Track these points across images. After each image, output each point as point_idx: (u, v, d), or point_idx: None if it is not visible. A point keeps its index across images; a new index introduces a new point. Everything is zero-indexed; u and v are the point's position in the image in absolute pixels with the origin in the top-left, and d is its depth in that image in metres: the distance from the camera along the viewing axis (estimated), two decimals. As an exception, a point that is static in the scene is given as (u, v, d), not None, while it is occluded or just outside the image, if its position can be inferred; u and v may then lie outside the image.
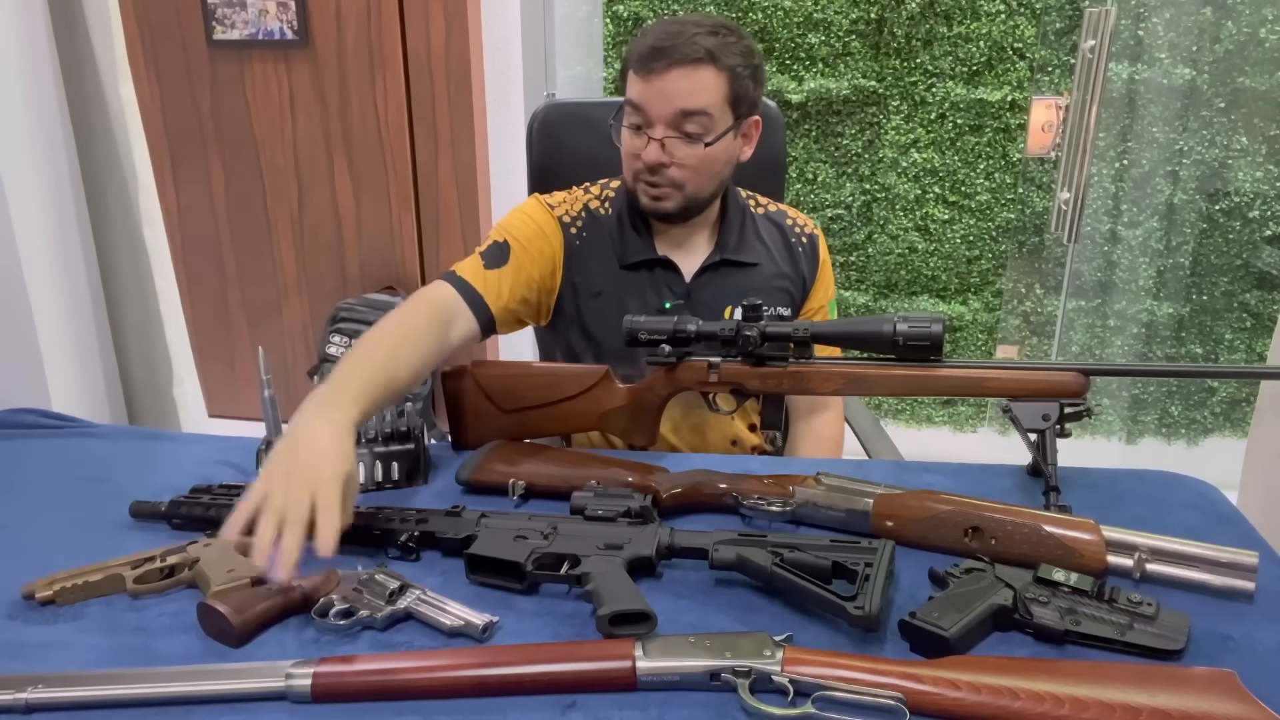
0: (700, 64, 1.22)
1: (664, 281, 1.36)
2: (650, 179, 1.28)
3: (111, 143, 1.85)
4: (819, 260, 1.44)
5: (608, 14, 2.67)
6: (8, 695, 0.73)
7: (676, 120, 1.24)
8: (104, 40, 1.79)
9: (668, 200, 1.29)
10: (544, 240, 1.34)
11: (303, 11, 2.42)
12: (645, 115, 1.25)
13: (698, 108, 1.23)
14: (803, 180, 2.75)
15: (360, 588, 0.86)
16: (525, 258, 1.31)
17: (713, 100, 1.24)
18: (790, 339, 1.09)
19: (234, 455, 1.20)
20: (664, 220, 1.34)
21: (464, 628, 0.82)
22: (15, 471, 1.18)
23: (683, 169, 1.27)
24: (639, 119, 1.26)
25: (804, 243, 1.43)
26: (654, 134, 1.25)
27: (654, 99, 1.24)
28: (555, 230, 1.35)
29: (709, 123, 1.25)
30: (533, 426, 1.21)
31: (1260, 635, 0.81)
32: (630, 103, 1.27)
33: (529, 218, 1.35)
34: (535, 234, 1.34)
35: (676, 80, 1.22)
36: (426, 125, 2.50)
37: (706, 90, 1.23)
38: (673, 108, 1.23)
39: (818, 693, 0.71)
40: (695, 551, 0.89)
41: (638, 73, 1.25)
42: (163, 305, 1.97)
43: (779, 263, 1.41)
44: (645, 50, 1.24)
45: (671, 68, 1.22)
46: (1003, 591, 0.82)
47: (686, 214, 1.33)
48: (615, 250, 1.36)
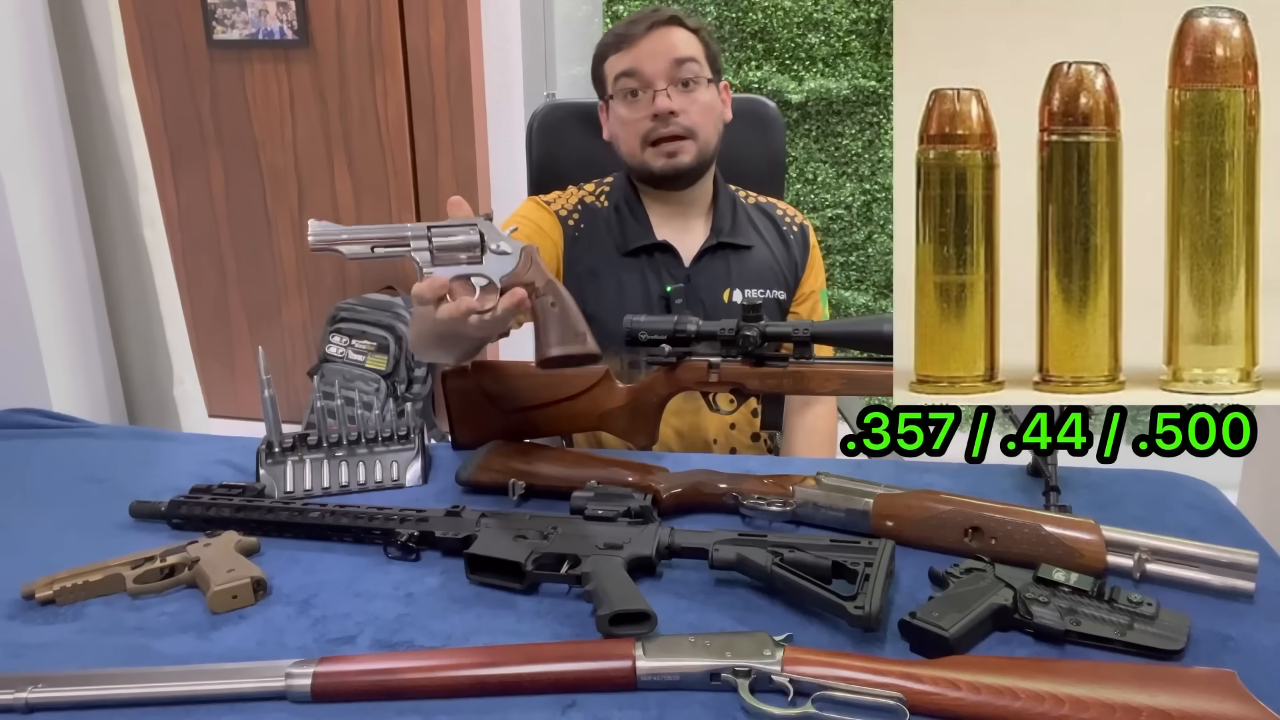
0: (673, 24, 1.36)
1: (664, 266, 1.39)
2: (664, 133, 1.35)
3: (111, 143, 1.84)
4: (809, 247, 1.49)
5: (608, 14, 2.67)
6: (8, 695, 0.73)
7: (672, 70, 1.34)
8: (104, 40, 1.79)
9: (684, 154, 1.36)
10: (544, 237, 1.38)
11: (303, 11, 2.42)
12: (642, 75, 1.34)
13: (687, 55, 1.35)
14: (803, 180, 2.75)
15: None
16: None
17: (695, 51, 1.36)
18: (790, 339, 1.09)
19: (234, 455, 1.20)
20: (678, 183, 1.38)
21: None
22: (15, 471, 1.18)
23: (689, 114, 1.35)
24: (635, 83, 1.35)
25: (795, 231, 1.48)
26: (657, 86, 1.34)
27: (646, 57, 1.34)
28: (554, 225, 1.39)
29: (699, 69, 1.36)
30: (533, 426, 1.21)
31: (1260, 635, 0.81)
32: (624, 74, 1.35)
33: (526, 218, 1.39)
34: (534, 232, 1.37)
35: (660, 38, 1.35)
36: (426, 125, 2.50)
37: (687, 42, 1.37)
38: (667, 59, 1.34)
39: (818, 693, 0.71)
40: (695, 551, 0.89)
41: (619, 48, 1.36)
42: (163, 305, 1.96)
43: (772, 248, 1.45)
44: (619, 29, 1.36)
45: (651, 30, 1.34)
46: (1003, 591, 0.82)
47: (699, 169, 1.39)
48: (615, 239, 1.39)
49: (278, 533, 0.98)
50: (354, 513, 0.97)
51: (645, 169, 1.36)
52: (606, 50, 1.37)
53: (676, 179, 1.37)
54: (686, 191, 1.41)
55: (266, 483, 1.07)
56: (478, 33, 2.44)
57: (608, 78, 1.39)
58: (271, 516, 0.98)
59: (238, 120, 2.57)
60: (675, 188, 1.39)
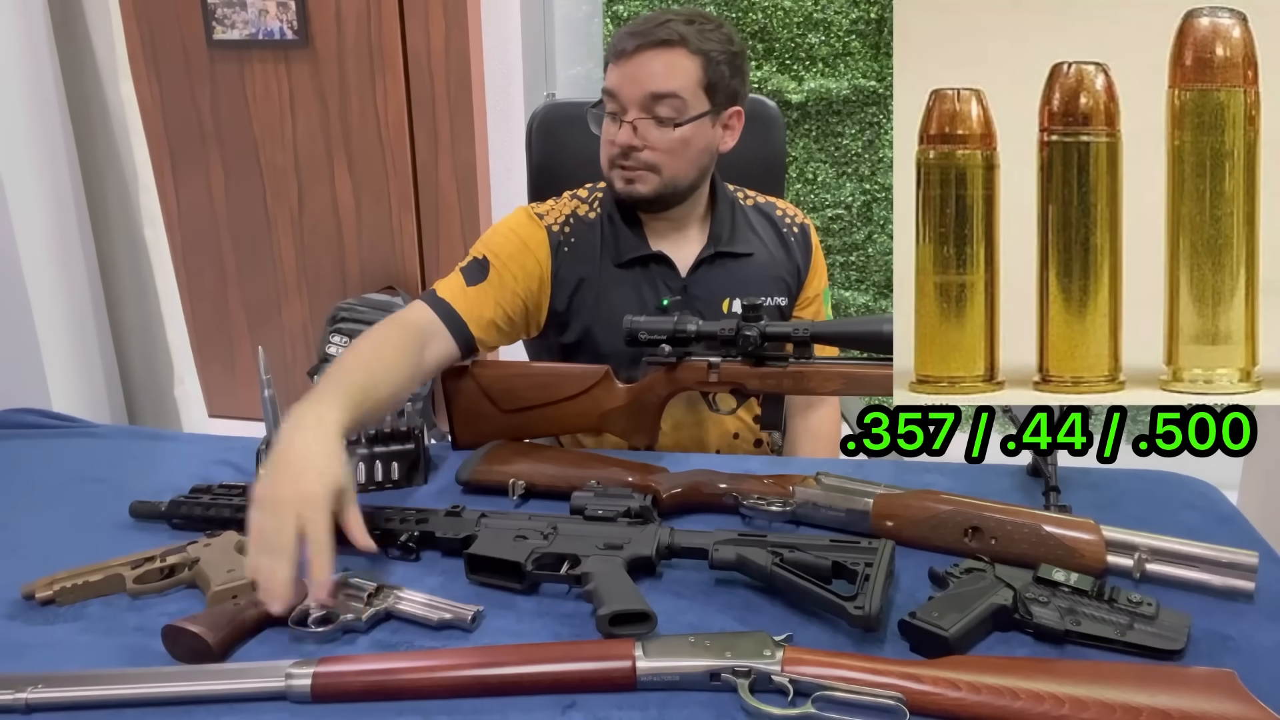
0: (671, 46, 1.25)
1: (659, 277, 1.35)
2: (623, 163, 1.29)
3: (111, 143, 1.84)
4: (811, 248, 1.45)
5: (608, 14, 2.67)
6: (8, 695, 0.73)
7: (647, 103, 1.26)
8: (104, 40, 1.79)
9: (641, 184, 1.29)
10: (527, 254, 1.32)
11: (303, 11, 2.42)
12: (619, 100, 1.27)
13: (668, 90, 1.25)
14: (803, 180, 2.75)
15: (334, 592, 0.84)
16: (506, 274, 1.29)
17: (685, 84, 1.26)
18: (790, 339, 1.09)
19: (234, 455, 1.20)
20: (641, 208, 1.34)
21: (452, 620, 0.82)
22: (15, 471, 1.18)
23: (655, 152, 1.27)
24: (614, 105, 1.28)
25: (795, 232, 1.44)
26: (626, 118, 1.27)
27: (625, 83, 1.26)
28: (541, 242, 1.33)
29: (681, 105, 1.26)
30: (533, 426, 1.21)
31: (1260, 635, 0.81)
32: (606, 91, 1.29)
33: (512, 232, 1.33)
34: (517, 249, 1.32)
35: (647, 62, 1.25)
36: (426, 125, 2.50)
37: (678, 73, 1.26)
38: (643, 90, 1.25)
39: (818, 693, 0.71)
40: (695, 551, 0.89)
41: (613, 60, 1.28)
42: (163, 305, 1.96)
43: (773, 253, 1.41)
44: (620, 36, 1.27)
45: (643, 49, 1.25)
46: (1003, 591, 0.82)
47: (664, 201, 1.32)
48: (608, 250, 1.35)
49: (278, 533, 0.98)
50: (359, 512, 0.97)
51: (611, 187, 1.34)
52: (608, 56, 1.31)
53: (635, 204, 1.33)
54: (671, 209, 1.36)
55: (266, 483, 1.06)
56: (478, 33, 2.44)
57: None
58: (271, 516, 0.98)
59: (238, 120, 2.57)
60: (643, 210, 1.34)
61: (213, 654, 0.78)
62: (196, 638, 0.78)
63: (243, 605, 0.83)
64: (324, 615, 0.82)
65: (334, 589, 0.84)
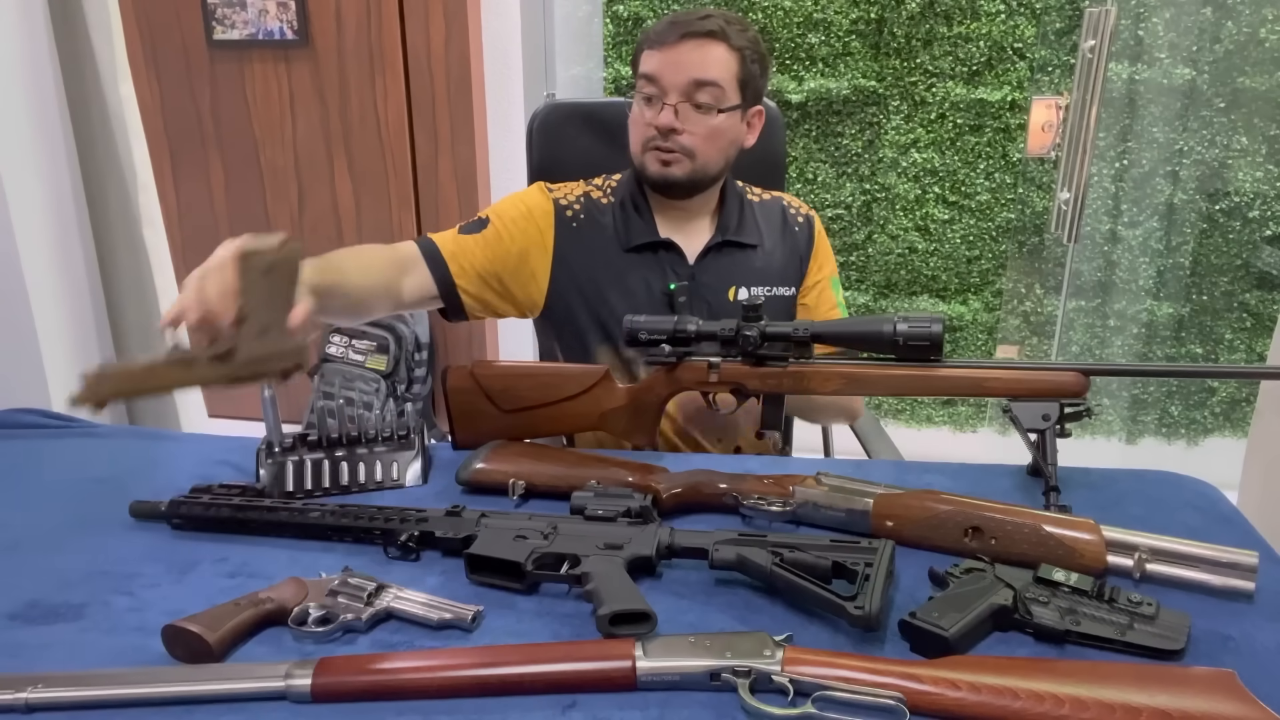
0: (713, 38, 1.30)
1: (667, 264, 1.38)
2: (662, 144, 1.32)
3: (111, 143, 1.85)
4: (815, 236, 1.47)
5: (608, 14, 2.67)
6: (8, 695, 0.73)
7: (689, 89, 1.29)
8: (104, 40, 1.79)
9: (677, 166, 1.32)
10: (529, 221, 1.36)
11: (303, 11, 2.42)
12: (660, 84, 1.30)
13: (710, 78, 1.29)
14: (803, 180, 2.75)
15: (334, 592, 0.85)
16: (504, 233, 1.34)
17: (724, 74, 1.30)
18: (790, 339, 1.09)
19: (234, 455, 1.20)
20: (670, 192, 1.36)
21: (452, 620, 0.82)
22: (15, 471, 1.18)
23: (693, 136, 1.31)
24: (653, 89, 1.31)
25: (800, 222, 1.47)
26: (668, 100, 1.30)
27: (668, 68, 1.29)
28: (546, 212, 1.37)
29: (720, 94, 1.31)
30: (533, 426, 1.21)
31: (1260, 635, 0.81)
32: (644, 76, 1.32)
33: (519, 199, 1.39)
34: (521, 215, 1.37)
35: (690, 51, 1.29)
36: (426, 125, 2.49)
37: (718, 63, 1.30)
38: (687, 76, 1.29)
39: (818, 693, 0.71)
40: (695, 551, 0.89)
41: (652, 47, 1.31)
42: (163, 305, 1.97)
43: (778, 243, 1.44)
44: (661, 26, 1.31)
45: (686, 39, 1.29)
46: (1003, 591, 0.82)
47: (693, 186, 1.36)
48: (618, 235, 1.38)
49: (278, 533, 0.98)
50: (354, 513, 0.97)
51: (643, 170, 1.36)
52: (644, 43, 1.34)
53: (668, 188, 1.36)
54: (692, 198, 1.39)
55: (266, 483, 1.07)
56: (478, 33, 2.44)
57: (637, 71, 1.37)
58: (271, 516, 0.98)
59: (238, 120, 2.57)
60: (669, 195, 1.37)
61: (213, 654, 0.78)
62: (196, 638, 0.78)
63: (243, 605, 0.83)
64: (324, 615, 0.83)
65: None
